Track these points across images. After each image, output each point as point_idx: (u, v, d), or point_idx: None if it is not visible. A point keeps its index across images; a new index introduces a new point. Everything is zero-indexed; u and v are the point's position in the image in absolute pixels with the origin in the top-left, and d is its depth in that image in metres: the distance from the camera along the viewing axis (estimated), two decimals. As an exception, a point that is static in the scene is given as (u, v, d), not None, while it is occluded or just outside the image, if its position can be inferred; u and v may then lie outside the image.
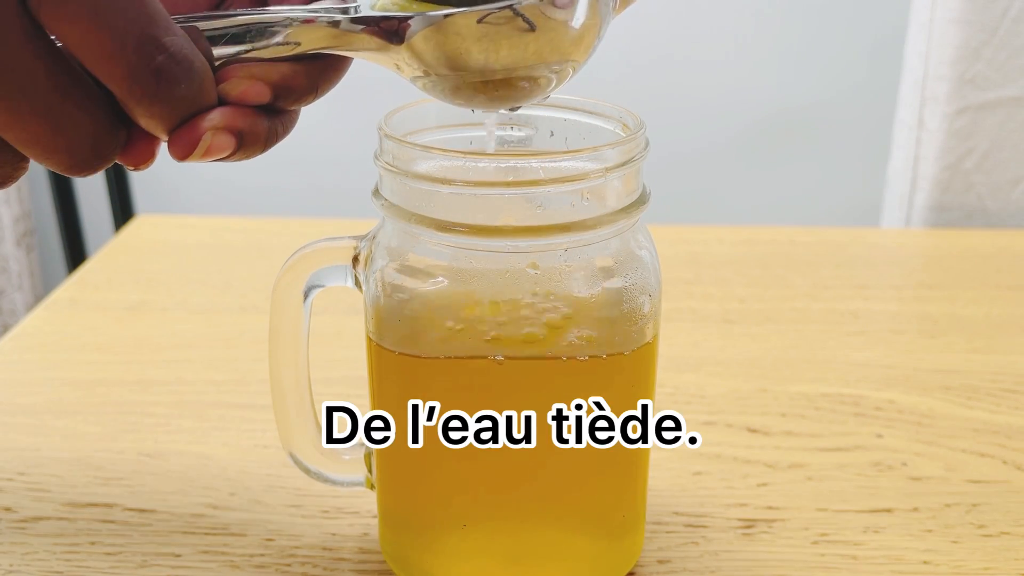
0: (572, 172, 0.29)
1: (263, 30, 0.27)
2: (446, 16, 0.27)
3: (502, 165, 0.30)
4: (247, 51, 0.27)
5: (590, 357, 0.31)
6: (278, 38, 0.27)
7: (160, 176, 1.51)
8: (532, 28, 0.27)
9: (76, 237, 1.37)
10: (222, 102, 0.27)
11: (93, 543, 0.38)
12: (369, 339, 0.33)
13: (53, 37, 0.23)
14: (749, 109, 1.45)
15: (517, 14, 0.27)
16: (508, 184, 0.29)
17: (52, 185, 1.32)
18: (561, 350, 0.31)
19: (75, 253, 1.37)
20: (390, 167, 0.31)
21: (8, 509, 0.40)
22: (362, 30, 0.28)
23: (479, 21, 0.27)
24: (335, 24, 0.27)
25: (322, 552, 0.38)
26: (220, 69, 0.27)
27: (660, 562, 0.38)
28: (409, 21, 0.27)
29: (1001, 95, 0.78)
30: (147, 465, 0.43)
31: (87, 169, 0.26)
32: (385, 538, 0.36)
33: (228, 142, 0.27)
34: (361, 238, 0.33)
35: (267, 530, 0.39)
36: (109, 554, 0.38)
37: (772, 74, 1.44)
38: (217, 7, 0.30)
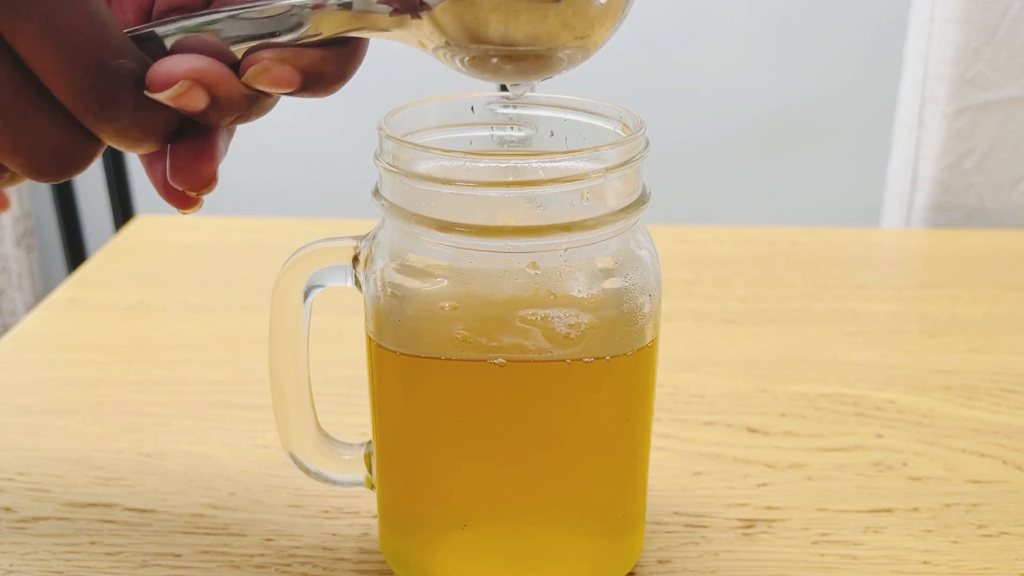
0: (572, 172, 0.29)
1: (281, 20, 0.27)
2: None
3: (502, 165, 0.30)
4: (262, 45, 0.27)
5: (590, 358, 0.31)
6: (296, 30, 0.27)
7: (160, 176, 1.51)
8: None
9: (76, 237, 1.37)
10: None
11: (93, 543, 0.38)
12: (369, 339, 0.33)
13: None
14: (749, 109, 1.45)
15: None
16: (508, 184, 0.29)
17: (52, 185, 1.32)
18: (561, 351, 0.31)
19: (75, 253, 1.37)
20: (390, 167, 0.31)
21: (8, 509, 0.40)
22: (379, 2, 0.27)
23: None
24: (347, 6, 0.27)
25: (322, 552, 0.38)
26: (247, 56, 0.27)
27: (660, 562, 0.38)
28: None
29: (1001, 95, 0.78)
30: (147, 465, 0.43)
31: (51, 176, 0.26)
32: (385, 538, 0.36)
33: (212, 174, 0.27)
34: (361, 238, 0.33)
35: (267, 530, 0.39)
36: (109, 554, 0.38)
37: (772, 74, 1.44)
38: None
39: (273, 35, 0.27)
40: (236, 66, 0.27)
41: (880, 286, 0.63)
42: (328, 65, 0.27)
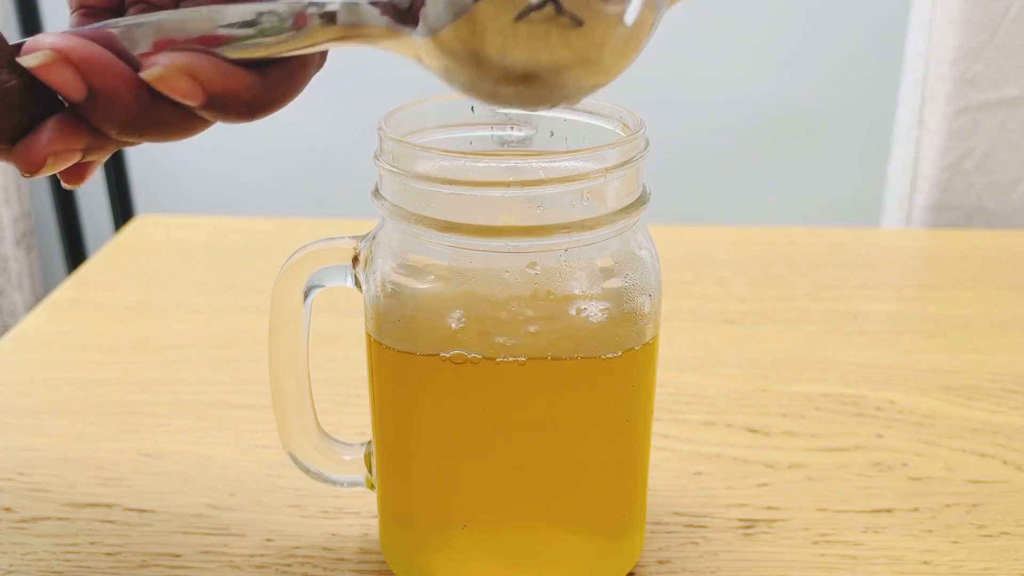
0: (572, 172, 0.29)
1: (268, 22, 0.24)
2: (475, 1, 0.23)
3: (502, 165, 0.30)
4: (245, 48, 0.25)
5: (590, 357, 0.31)
6: (279, 34, 0.24)
7: (160, 176, 1.51)
8: (580, 23, 0.23)
9: (76, 237, 1.37)
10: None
11: (93, 543, 0.38)
12: (369, 339, 0.33)
13: None
14: (749, 109, 1.45)
15: (561, 11, 0.23)
16: (508, 184, 0.29)
17: (52, 185, 1.32)
18: (561, 350, 0.31)
19: (75, 253, 1.37)
20: (390, 167, 0.31)
21: (8, 509, 0.40)
22: (373, 17, 0.24)
23: (516, 19, 0.23)
24: (330, 18, 0.24)
25: (322, 552, 0.38)
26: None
27: (660, 562, 0.38)
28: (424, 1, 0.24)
29: (1001, 95, 0.78)
30: (147, 465, 0.43)
31: None
32: (385, 538, 0.36)
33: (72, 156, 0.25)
34: (361, 238, 0.33)
35: (267, 530, 0.39)
36: (109, 554, 0.38)
37: (772, 74, 1.44)
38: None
39: (255, 38, 0.25)
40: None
41: (880, 286, 0.63)
42: (251, 93, 0.25)
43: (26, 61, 0.24)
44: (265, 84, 0.26)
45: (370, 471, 0.37)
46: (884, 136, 0.96)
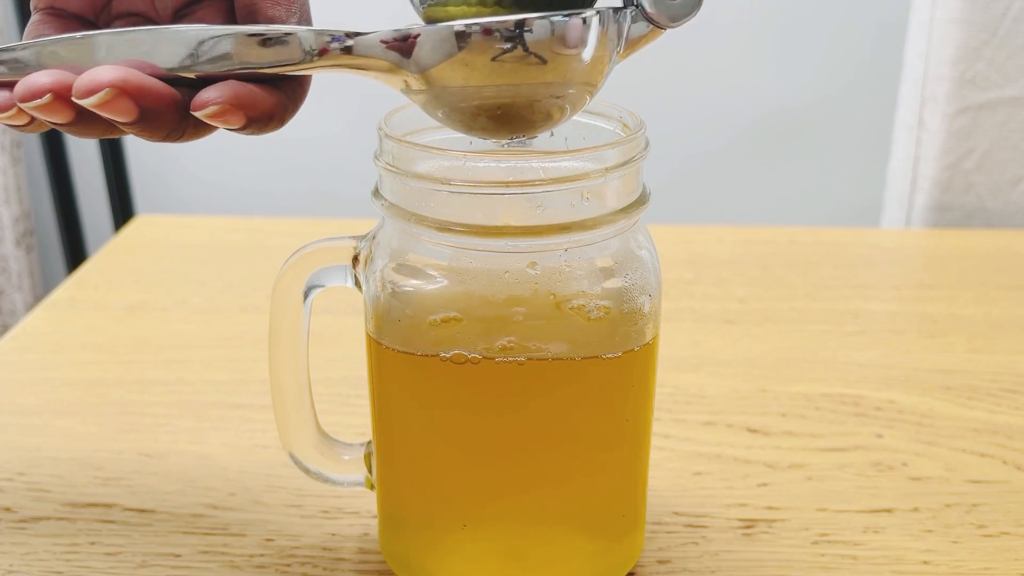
0: (572, 172, 0.29)
1: (279, 44, 0.27)
2: (459, 39, 0.27)
3: (502, 165, 0.30)
4: (246, 68, 0.27)
5: (590, 357, 0.31)
6: (287, 65, 0.27)
7: (160, 176, 1.51)
8: (544, 62, 0.27)
9: (76, 237, 1.37)
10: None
11: (93, 543, 0.38)
12: (369, 339, 0.33)
13: None
14: (749, 109, 1.45)
15: (528, 52, 0.27)
16: (508, 184, 0.29)
17: (52, 185, 1.32)
18: (561, 351, 0.31)
19: (75, 253, 1.37)
20: (390, 167, 0.31)
21: (8, 509, 0.40)
22: (379, 44, 0.27)
23: (492, 60, 0.27)
24: (348, 50, 0.27)
25: (322, 552, 0.38)
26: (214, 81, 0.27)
27: (660, 562, 0.38)
28: (417, 38, 0.27)
29: (1001, 95, 0.78)
30: (147, 465, 0.43)
31: None
32: (385, 538, 0.36)
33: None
34: (361, 238, 0.33)
35: (267, 530, 0.39)
36: (109, 554, 0.38)
37: (772, 74, 1.44)
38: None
39: (251, 64, 0.27)
40: (168, 78, 0.27)
41: (880, 286, 0.63)
42: (279, 108, 0.29)
43: (87, 102, 0.26)
44: (285, 98, 0.29)
45: (370, 471, 0.37)
46: (884, 136, 0.96)
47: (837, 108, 1.44)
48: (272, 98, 0.28)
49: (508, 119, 0.29)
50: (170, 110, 0.27)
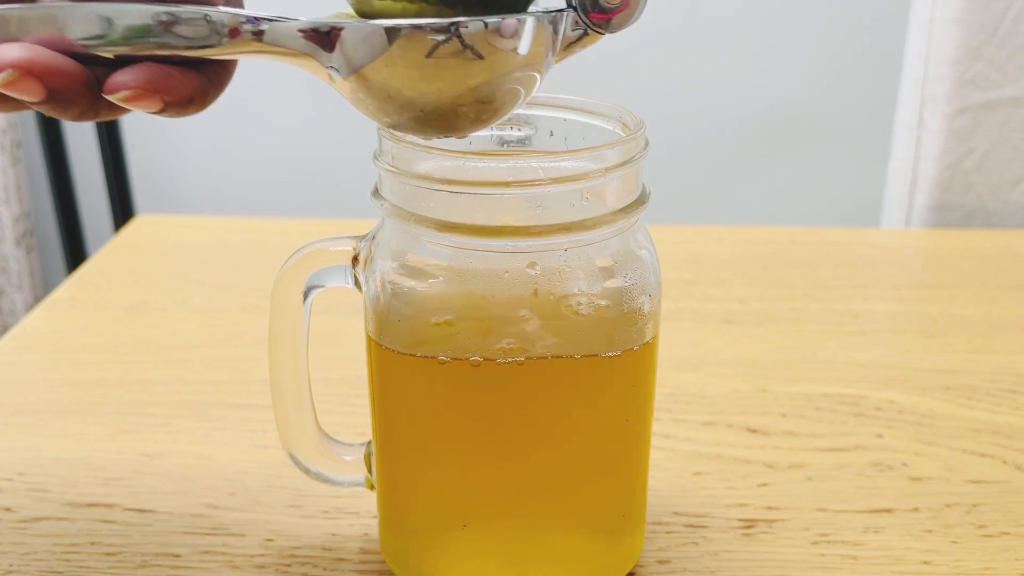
0: (572, 172, 0.29)
1: (195, 26, 0.26)
2: (389, 36, 0.26)
3: (502, 165, 0.30)
4: (160, 48, 0.26)
5: (590, 357, 0.31)
6: (198, 47, 0.26)
7: (160, 176, 1.51)
8: (480, 56, 0.26)
9: (76, 237, 1.37)
10: None
11: (93, 543, 0.38)
12: (369, 339, 0.33)
13: None
14: (749, 109, 1.45)
15: (464, 46, 0.26)
16: (508, 184, 0.29)
17: (52, 185, 1.32)
18: (561, 350, 0.31)
19: (75, 253, 1.37)
20: (390, 167, 0.31)
21: (8, 509, 0.40)
22: (295, 31, 0.26)
23: (427, 56, 0.26)
24: (259, 35, 0.26)
25: (322, 552, 0.38)
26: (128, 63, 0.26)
27: (660, 562, 0.38)
28: (341, 32, 0.26)
29: (1001, 95, 0.78)
30: (147, 465, 0.43)
31: None
32: (385, 538, 0.36)
33: None
34: (361, 238, 0.33)
35: (267, 530, 0.39)
36: (109, 554, 0.38)
37: (772, 74, 1.44)
38: None
39: (164, 44, 0.26)
40: (79, 55, 0.26)
41: (880, 286, 0.63)
42: (198, 92, 0.28)
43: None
44: (206, 81, 0.28)
45: (370, 471, 0.37)
46: (884, 136, 0.96)
47: (837, 108, 1.44)
48: (192, 81, 0.27)
49: (434, 119, 0.28)
50: (81, 90, 0.26)
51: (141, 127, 1.46)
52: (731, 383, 0.51)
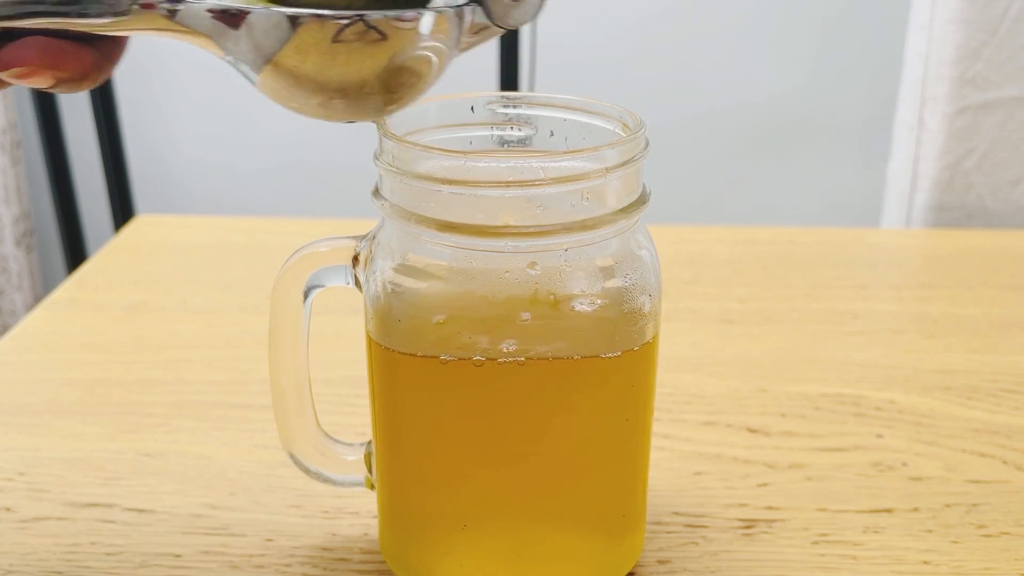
0: (572, 172, 0.29)
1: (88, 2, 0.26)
2: (293, 22, 0.26)
3: (502, 165, 0.30)
4: (56, 20, 0.26)
5: (590, 357, 0.31)
6: (102, 17, 0.26)
7: (160, 176, 1.51)
8: (384, 36, 0.27)
9: (76, 237, 1.37)
10: None
11: (93, 543, 0.38)
12: (369, 339, 0.33)
13: None
14: (749, 109, 1.45)
15: (368, 27, 0.26)
16: (508, 184, 0.29)
17: (52, 185, 1.32)
18: (561, 350, 0.31)
19: (75, 253, 1.37)
20: (390, 167, 0.31)
21: (8, 509, 0.40)
22: (204, 12, 0.26)
23: (333, 40, 0.26)
24: (172, 13, 0.26)
25: (322, 552, 0.38)
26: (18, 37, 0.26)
27: (660, 562, 0.38)
28: (245, 16, 0.26)
29: (1001, 95, 0.78)
30: (147, 465, 0.43)
31: None
32: (385, 538, 0.36)
33: None
34: (361, 238, 0.33)
35: (267, 530, 0.39)
36: (109, 554, 0.38)
37: (772, 74, 1.44)
38: None
39: (73, 14, 0.26)
40: None
41: (880, 286, 0.63)
42: (93, 67, 0.27)
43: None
44: (100, 56, 0.27)
45: (370, 471, 0.37)
46: (884, 136, 0.96)
47: (837, 108, 1.44)
48: (86, 56, 0.27)
49: (339, 107, 0.29)
50: None
51: (141, 127, 1.46)
52: (731, 383, 0.51)
